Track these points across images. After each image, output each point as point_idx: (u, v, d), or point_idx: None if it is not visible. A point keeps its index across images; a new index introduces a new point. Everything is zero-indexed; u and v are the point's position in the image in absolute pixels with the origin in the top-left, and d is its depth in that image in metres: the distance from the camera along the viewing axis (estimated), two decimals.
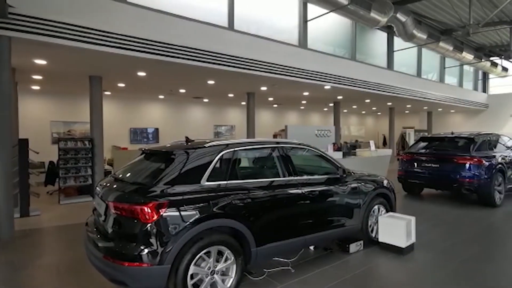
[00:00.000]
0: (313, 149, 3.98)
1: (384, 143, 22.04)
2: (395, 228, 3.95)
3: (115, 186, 2.92)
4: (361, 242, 4.10)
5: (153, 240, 2.48)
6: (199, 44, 6.88)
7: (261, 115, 16.99)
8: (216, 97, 13.42)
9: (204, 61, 6.97)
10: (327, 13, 9.36)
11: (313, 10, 9.71)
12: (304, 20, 9.80)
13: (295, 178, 3.48)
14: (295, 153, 3.89)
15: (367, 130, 24.43)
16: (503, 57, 16.17)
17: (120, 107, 12.67)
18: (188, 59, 6.72)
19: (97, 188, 3.13)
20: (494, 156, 6.80)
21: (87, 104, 8.20)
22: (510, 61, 15.54)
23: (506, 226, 5.42)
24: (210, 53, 7.07)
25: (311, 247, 4.08)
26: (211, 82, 9.25)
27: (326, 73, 10.00)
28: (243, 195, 2.98)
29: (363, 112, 22.00)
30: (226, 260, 2.83)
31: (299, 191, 3.43)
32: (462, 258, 3.89)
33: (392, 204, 4.57)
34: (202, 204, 2.70)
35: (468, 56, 14.75)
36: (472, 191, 6.55)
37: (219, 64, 7.25)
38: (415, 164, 7.37)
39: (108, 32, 5.67)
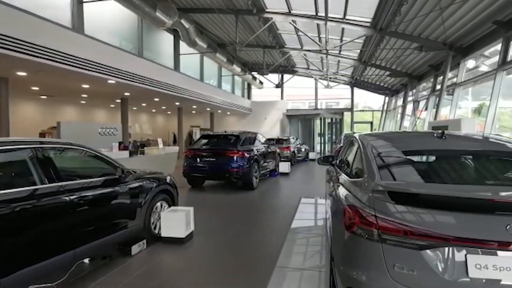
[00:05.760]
0: (86, 149, 3.52)
1: (175, 141, 23.17)
2: (175, 220, 4.20)
3: None
4: (144, 241, 4.06)
5: None
6: None
7: (22, 108, 13.34)
8: None
9: None
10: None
11: None
12: (79, 1, 8.52)
13: (60, 184, 2.93)
14: (64, 155, 3.33)
15: (158, 129, 24.77)
16: (260, 73, 21.12)
17: None
18: None
19: None
20: (253, 150, 8.69)
21: None
22: (264, 77, 20.65)
23: (259, 204, 7.08)
24: None
25: (86, 260, 3.61)
26: None
27: (110, 66, 9.22)
28: None
29: (154, 110, 22.13)
30: None
31: (66, 198, 2.92)
32: (229, 235, 4.70)
33: (175, 199, 4.83)
34: None
35: (237, 68, 18.14)
36: (238, 178, 8.08)
37: None
38: (197, 159, 8.20)
39: None
